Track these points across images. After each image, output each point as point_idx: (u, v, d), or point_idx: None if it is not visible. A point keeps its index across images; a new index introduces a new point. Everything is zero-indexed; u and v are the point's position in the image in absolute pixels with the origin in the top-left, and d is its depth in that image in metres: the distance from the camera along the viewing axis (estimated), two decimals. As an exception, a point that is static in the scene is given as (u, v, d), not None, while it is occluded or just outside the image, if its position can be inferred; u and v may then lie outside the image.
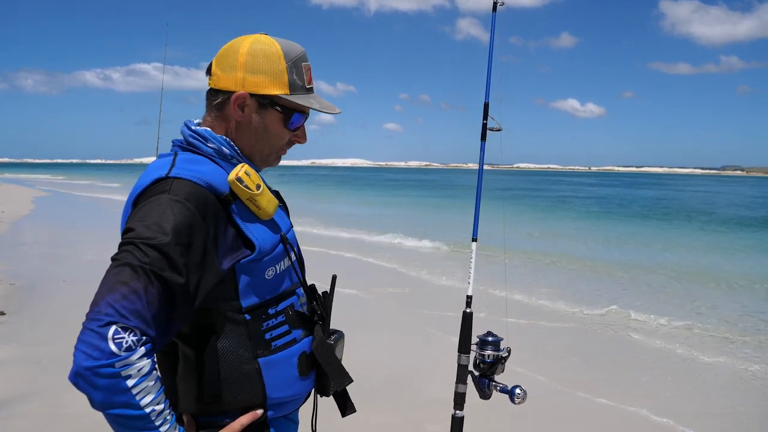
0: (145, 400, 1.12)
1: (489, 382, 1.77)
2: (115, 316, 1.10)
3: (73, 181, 52.49)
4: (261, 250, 1.33)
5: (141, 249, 1.16)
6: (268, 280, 1.36)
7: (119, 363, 1.09)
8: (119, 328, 1.09)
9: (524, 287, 8.78)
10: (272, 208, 1.38)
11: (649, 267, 11.56)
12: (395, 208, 28.64)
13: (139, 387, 1.12)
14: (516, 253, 12.44)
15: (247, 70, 1.37)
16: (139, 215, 1.23)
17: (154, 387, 1.14)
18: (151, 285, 1.14)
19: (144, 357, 1.12)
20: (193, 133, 1.40)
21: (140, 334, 1.12)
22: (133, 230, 1.20)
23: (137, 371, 1.11)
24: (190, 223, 1.22)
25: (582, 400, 4.62)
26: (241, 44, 1.39)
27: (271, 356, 1.37)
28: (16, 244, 11.63)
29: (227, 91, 1.38)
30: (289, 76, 1.39)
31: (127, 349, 1.09)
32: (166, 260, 1.16)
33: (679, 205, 34.17)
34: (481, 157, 1.94)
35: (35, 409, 3.98)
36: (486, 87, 1.93)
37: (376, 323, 6.57)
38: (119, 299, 1.11)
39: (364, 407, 1.58)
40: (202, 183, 1.28)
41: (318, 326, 1.47)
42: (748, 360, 5.77)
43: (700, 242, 16.56)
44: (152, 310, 1.14)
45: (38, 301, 6.95)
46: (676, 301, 8.53)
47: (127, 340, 1.09)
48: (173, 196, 1.24)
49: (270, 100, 1.39)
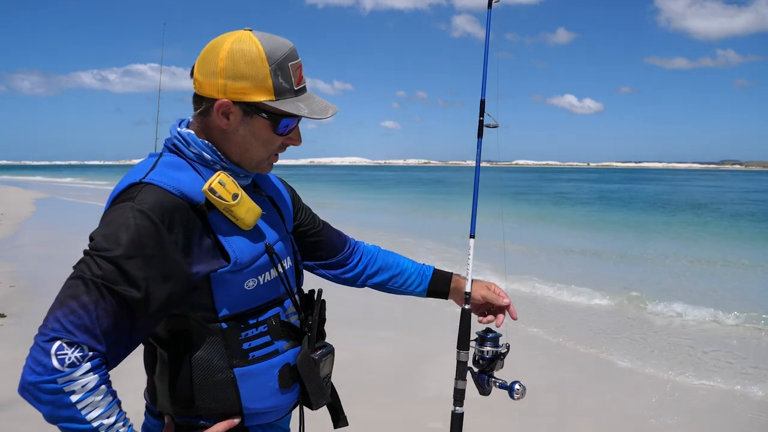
0: (91, 415, 1.11)
1: (488, 378, 1.77)
2: (61, 332, 1.09)
3: (88, 182, 50.12)
4: (238, 263, 1.28)
5: (96, 261, 1.14)
6: (248, 291, 1.32)
7: (61, 379, 1.08)
8: (63, 343, 1.09)
9: (548, 280, 8.78)
10: (252, 218, 1.31)
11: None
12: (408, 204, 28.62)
13: (84, 402, 1.10)
14: (543, 249, 12.45)
15: (227, 76, 1.27)
16: (102, 223, 1.21)
17: (103, 401, 1.13)
18: (102, 299, 1.12)
19: (90, 372, 1.11)
20: (178, 135, 1.34)
21: (87, 349, 1.10)
22: (92, 240, 1.18)
23: (81, 387, 1.10)
24: (151, 233, 1.18)
25: (582, 396, 4.62)
26: (221, 46, 1.29)
27: (247, 367, 1.33)
28: (17, 246, 11.63)
29: (210, 99, 1.30)
30: (274, 80, 1.29)
31: (70, 365, 1.08)
32: (120, 273, 1.14)
33: (722, 203, 33.11)
34: (478, 154, 1.94)
35: (36, 412, 3.98)
36: (482, 84, 1.93)
37: (375, 320, 6.58)
38: (67, 314, 1.10)
39: (364, 403, 1.59)
40: (174, 191, 1.24)
41: (306, 338, 1.43)
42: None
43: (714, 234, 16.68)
44: (103, 324, 1.12)
45: (39, 303, 6.95)
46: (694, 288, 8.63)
47: (70, 356, 1.09)
48: (137, 204, 1.19)
49: (255, 107, 1.29)
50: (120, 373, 1.21)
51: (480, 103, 1.94)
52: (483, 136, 1.95)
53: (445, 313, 6.63)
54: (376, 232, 15.22)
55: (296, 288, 1.49)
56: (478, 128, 1.95)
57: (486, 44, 1.93)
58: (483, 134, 1.95)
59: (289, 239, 1.51)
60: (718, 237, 16.52)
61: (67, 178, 63.10)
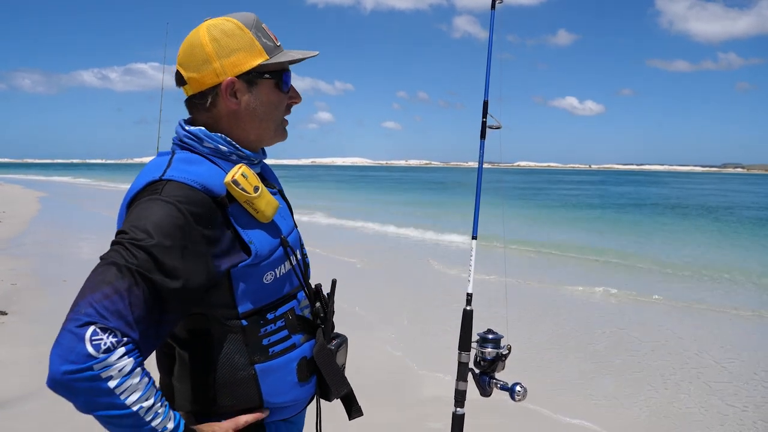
0: (131, 399, 1.08)
1: (489, 379, 1.78)
2: (95, 317, 1.06)
3: (102, 183, 46.97)
4: (258, 255, 1.29)
5: (129, 249, 1.13)
6: (267, 285, 1.32)
7: (97, 365, 1.05)
8: (98, 328, 1.06)
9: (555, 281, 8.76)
10: (271, 210, 1.33)
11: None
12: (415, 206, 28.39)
13: (122, 387, 1.07)
14: (549, 249, 12.44)
15: (220, 56, 1.31)
16: (131, 218, 1.20)
17: (140, 384, 1.10)
18: (136, 286, 1.11)
19: (125, 356, 1.08)
20: (188, 134, 1.35)
21: (120, 335, 1.08)
22: (123, 232, 1.17)
23: (118, 372, 1.07)
24: (181, 225, 1.18)
25: (582, 398, 4.62)
26: (198, 38, 1.33)
27: (268, 362, 1.34)
28: (18, 244, 11.64)
29: (213, 87, 1.33)
30: (260, 41, 1.34)
31: (105, 350, 1.05)
32: (154, 262, 1.13)
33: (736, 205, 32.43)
34: (481, 156, 1.94)
35: (36, 409, 3.98)
36: (485, 85, 1.93)
37: (376, 320, 6.57)
38: (101, 299, 1.07)
39: (365, 404, 1.58)
40: (196, 185, 1.24)
41: (320, 330, 1.44)
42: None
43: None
44: (136, 311, 1.10)
45: (39, 301, 6.96)
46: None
47: (105, 342, 1.06)
48: (164, 197, 1.20)
49: (256, 72, 1.34)
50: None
51: (483, 104, 1.94)
52: (486, 137, 1.95)
53: (446, 313, 6.63)
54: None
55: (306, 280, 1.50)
56: (481, 130, 1.95)
57: (489, 46, 1.93)
58: (486, 135, 1.95)
59: (297, 231, 1.52)
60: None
61: (68, 178, 60.29)
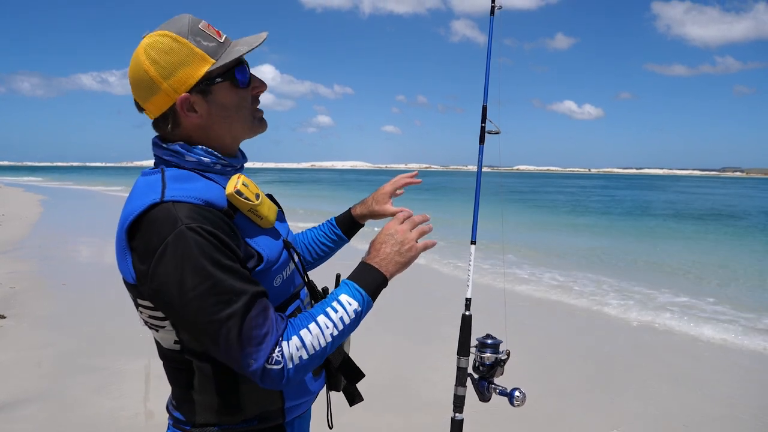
0: (326, 335, 1.23)
1: (488, 384, 1.77)
2: (262, 359, 1.16)
3: (109, 188, 43.05)
4: (268, 261, 1.29)
5: (210, 292, 1.15)
6: (276, 288, 1.33)
7: (290, 370, 1.18)
8: (270, 364, 1.17)
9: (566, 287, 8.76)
10: (273, 215, 1.34)
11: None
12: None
13: (309, 343, 1.20)
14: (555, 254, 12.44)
15: (164, 77, 1.26)
16: (170, 268, 1.16)
17: (313, 328, 1.22)
18: (256, 304, 1.18)
19: (283, 342, 1.19)
20: (168, 151, 1.31)
21: (275, 342, 1.18)
22: (180, 288, 1.15)
23: (296, 349, 1.19)
24: (215, 245, 1.18)
25: (582, 401, 4.61)
26: (139, 63, 1.28)
27: None
28: (18, 248, 11.63)
29: (170, 108, 1.29)
30: (200, 46, 1.28)
31: (278, 362, 1.17)
32: (231, 289, 1.16)
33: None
34: (480, 161, 1.94)
35: (35, 412, 3.98)
36: (484, 90, 1.93)
37: (375, 325, 6.56)
38: (247, 343, 1.16)
39: (363, 409, 1.58)
40: (200, 202, 1.21)
41: None
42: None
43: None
44: (266, 313, 1.19)
45: (38, 304, 6.96)
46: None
47: (278, 360, 1.17)
48: (187, 222, 1.16)
49: (206, 80, 1.28)
50: (119, 374, 1.21)
51: (482, 109, 1.94)
52: (485, 142, 1.95)
53: (445, 318, 6.62)
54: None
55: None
56: (480, 135, 1.95)
57: (488, 53, 1.93)
58: (485, 140, 1.95)
59: (290, 228, 1.54)
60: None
61: (70, 183, 55.89)
